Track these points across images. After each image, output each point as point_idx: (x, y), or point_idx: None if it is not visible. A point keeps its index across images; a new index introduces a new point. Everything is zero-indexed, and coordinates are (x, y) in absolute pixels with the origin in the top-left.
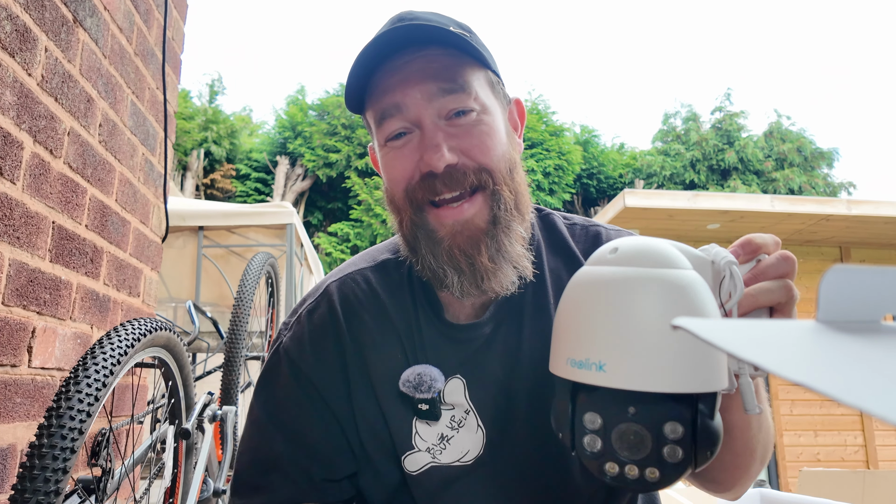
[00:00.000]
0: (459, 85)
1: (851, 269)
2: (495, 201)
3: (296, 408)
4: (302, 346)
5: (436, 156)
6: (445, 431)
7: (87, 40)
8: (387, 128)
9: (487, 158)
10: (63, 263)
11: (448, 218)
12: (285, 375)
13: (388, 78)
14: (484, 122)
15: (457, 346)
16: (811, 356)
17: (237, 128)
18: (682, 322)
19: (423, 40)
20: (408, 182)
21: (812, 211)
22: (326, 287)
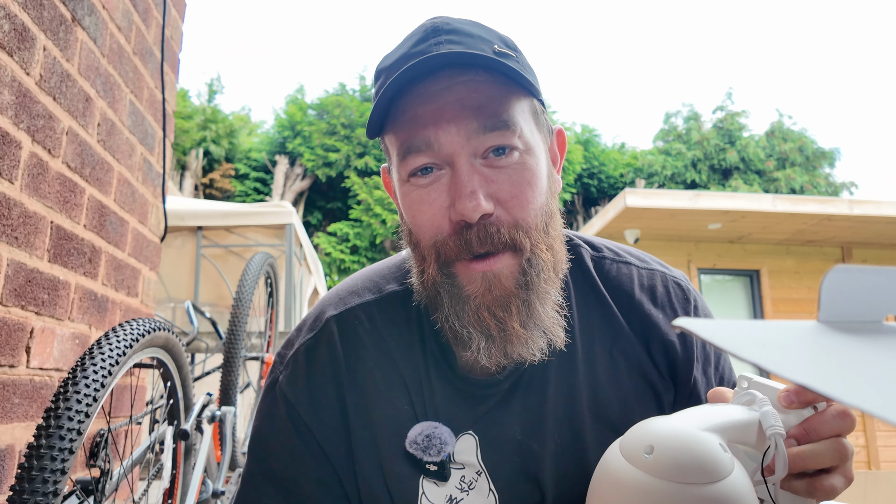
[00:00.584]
0: (504, 121)
1: (853, 270)
2: (531, 266)
3: (290, 455)
4: (299, 389)
5: (471, 204)
6: (454, 493)
7: (86, 39)
8: (412, 162)
9: (525, 213)
10: (61, 263)
11: (477, 271)
12: (282, 419)
13: (420, 106)
14: (527, 167)
15: (471, 400)
16: (812, 356)
17: (236, 127)
18: (682, 322)
19: (464, 59)
20: (437, 232)
21: (814, 211)
22: (326, 322)
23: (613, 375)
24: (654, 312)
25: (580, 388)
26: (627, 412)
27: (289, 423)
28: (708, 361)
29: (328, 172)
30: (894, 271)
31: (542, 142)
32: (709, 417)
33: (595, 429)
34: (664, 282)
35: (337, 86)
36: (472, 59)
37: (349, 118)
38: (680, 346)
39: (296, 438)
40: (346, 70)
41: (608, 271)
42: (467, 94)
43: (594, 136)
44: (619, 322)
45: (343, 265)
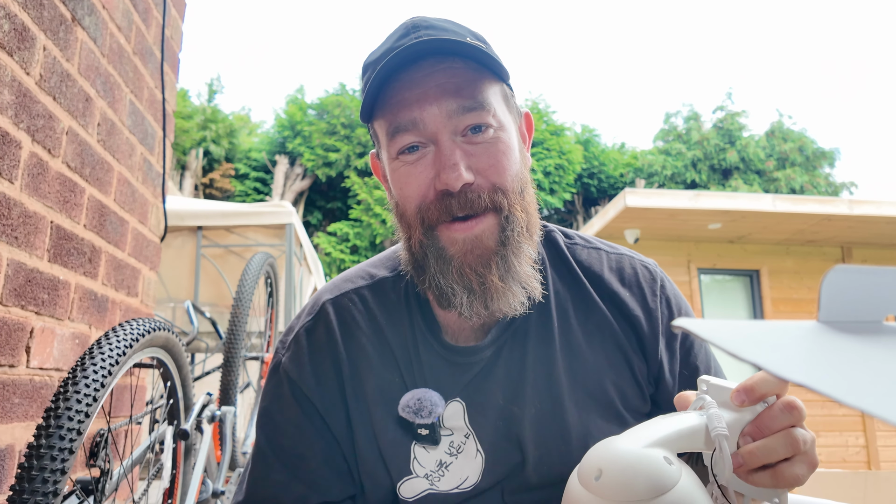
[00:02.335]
0: (479, 102)
1: (853, 270)
2: (508, 223)
3: (296, 431)
4: (302, 367)
5: (453, 175)
6: (444, 458)
7: (86, 39)
8: (399, 141)
9: (502, 179)
10: (61, 263)
11: (460, 233)
12: (287, 397)
13: (406, 91)
14: (501, 140)
15: (456, 369)
16: (812, 357)
17: (236, 127)
18: (682, 322)
19: (441, 52)
20: (422, 200)
21: (814, 211)
22: (322, 305)
23: (588, 345)
24: (621, 290)
25: (556, 358)
26: (602, 379)
27: (294, 402)
28: (674, 337)
29: (328, 172)
30: (894, 271)
31: (513, 122)
32: (657, 431)
33: (572, 394)
34: (632, 264)
35: (337, 86)
36: (450, 46)
37: (349, 118)
38: (646, 321)
39: (301, 415)
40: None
41: (580, 255)
42: (446, 80)
43: (594, 136)
44: (593, 298)
45: (343, 265)
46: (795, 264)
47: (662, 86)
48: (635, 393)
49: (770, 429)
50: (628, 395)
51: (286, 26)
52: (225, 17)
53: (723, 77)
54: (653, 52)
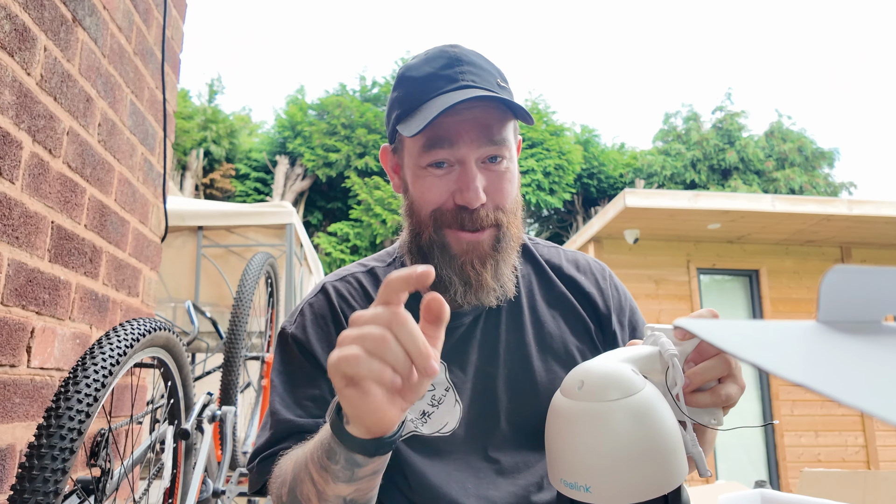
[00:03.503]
0: (502, 139)
1: (852, 270)
2: (504, 236)
3: (308, 380)
4: (306, 331)
5: (473, 196)
6: (427, 408)
7: (87, 39)
8: (433, 155)
9: (505, 202)
10: (62, 263)
11: (465, 238)
12: (297, 355)
13: (448, 117)
14: (510, 171)
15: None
16: (811, 357)
17: (236, 127)
18: (682, 322)
19: (489, 87)
20: (438, 206)
21: (813, 211)
22: (324, 285)
23: (552, 315)
24: (577, 275)
25: (526, 325)
26: (565, 342)
27: (303, 357)
28: (623, 313)
29: (328, 172)
30: (893, 271)
31: (515, 146)
32: (621, 354)
33: (540, 354)
34: (584, 258)
35: (337, 86)
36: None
37: (349, 118)
38: (599, 298)
39: (311, 367)
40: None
41: (542, 251)
42: (482, 116)
43: (594, 136)
44: (554, 280)
45: (343, 265)
46: (795, 264)
47: (662, 86)
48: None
49: (708, 353)
50: (588, 358)
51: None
52: (225, 17)
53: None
54: (652, 53)
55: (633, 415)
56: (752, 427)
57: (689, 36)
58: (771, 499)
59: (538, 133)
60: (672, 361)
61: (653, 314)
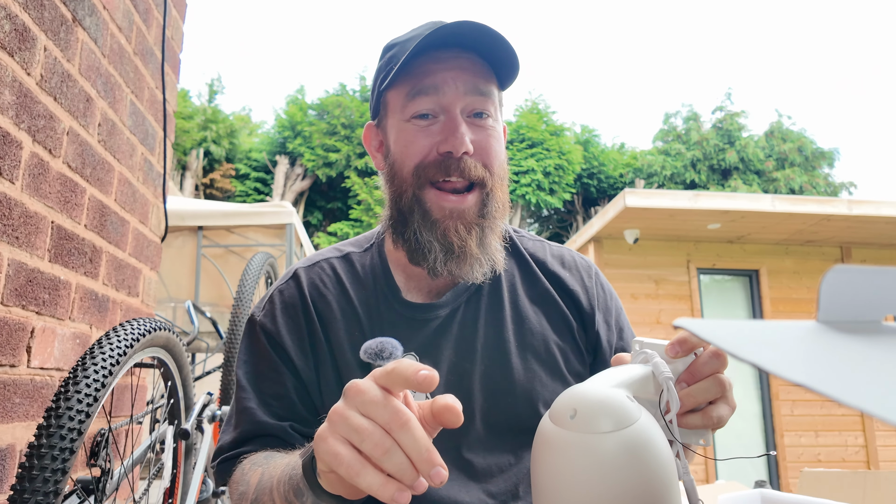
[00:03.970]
0: (489, 90)
1: (852, 270)
2: (489, 199)
3: (274, 374)
4: (275, 320)
5: (458, 142)
6: None
7: (87, 39)
8: (417, 104)
9: (492, 160)
10: (62, 263)
11: (448, 203)
12: (263, 346)
13: (432, 63)
14: (495, 130)
15: (413, 325)
16: (811, 356)
17: (236, 127)
18: (682, 322)
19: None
20: (422, 159)
21: (813, 211)
22: (295, 271)
23: (534, 312)
24: (562, 272)
25: (506, 320)
26: (546, 340)
27: (270, 349)
28: (609, 313)
29: (328, 172)
30: (893, 271)
31: (500, 115)
32: (615, 377)
33: (520, 353)
34: (570, 254)
35: (337, 86)
36: (485, 32)
37: (349, 118)
38: (584, 296)
39: (277, 360)
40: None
41: (526, 244)
42: (468, 65)
43: (594, 136)
44: (538, 275)
45: None
46: (795, 264)
47: (662, 86)
48: (577, 357)
49: (701, 374)
50: (570, 358)
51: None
52: (225, 17)
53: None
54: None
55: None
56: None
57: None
58: (771, 499)
59: (538, 133)
60: (667, 385)
61: (653, 314)
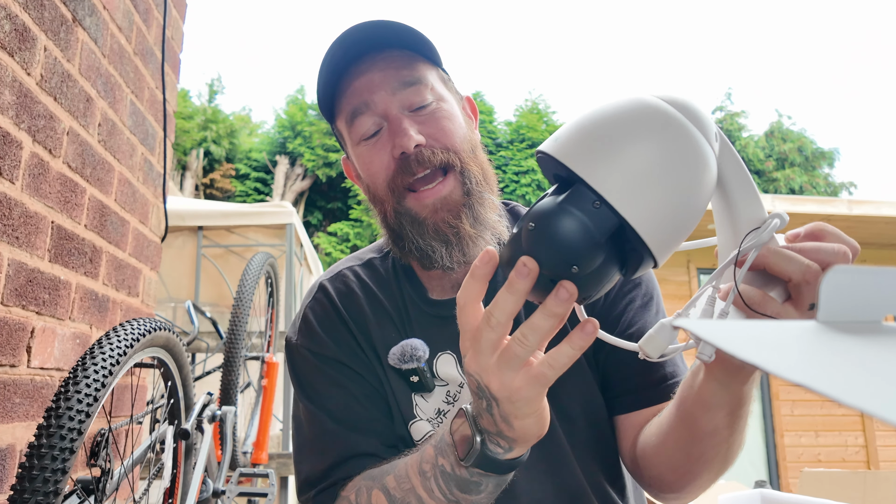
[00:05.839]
0: (417, 78)
1: (852, 270)
2: (466, 177)
3: (338, 390)
4: (315, 336)
5: (405, 138)
6: (442, 406)
7: (87, 39)
8: (359, 126)
9: (450, 140)
10: (62, 263)
11: (427, 198)
12: (315, 366)
13: (354, 81)
14: (443, 110)
15: (442, 322)
16: (812, 357)
17: (237, 127)
18: (681, 322)
19: (381, 44)
20: (387, 172)
21: (813, 211)
22: (321, 284)
23: None
24: None
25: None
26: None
27: (323, 366)
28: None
29: (328, 172)
30: (894, 271)
31: (455, 99)
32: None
33: None
34: None
35: None
36: (388, 37)
37: None
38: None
39: (335, 374)
40: None
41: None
42: (386, 65)
43: None
44: None
45: None
46: None
47: (662, 86)
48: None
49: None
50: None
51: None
52: (225, 17)
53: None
54: (652, 53)
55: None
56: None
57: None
58: (771, 499)
59: (538, 133)
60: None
61: None
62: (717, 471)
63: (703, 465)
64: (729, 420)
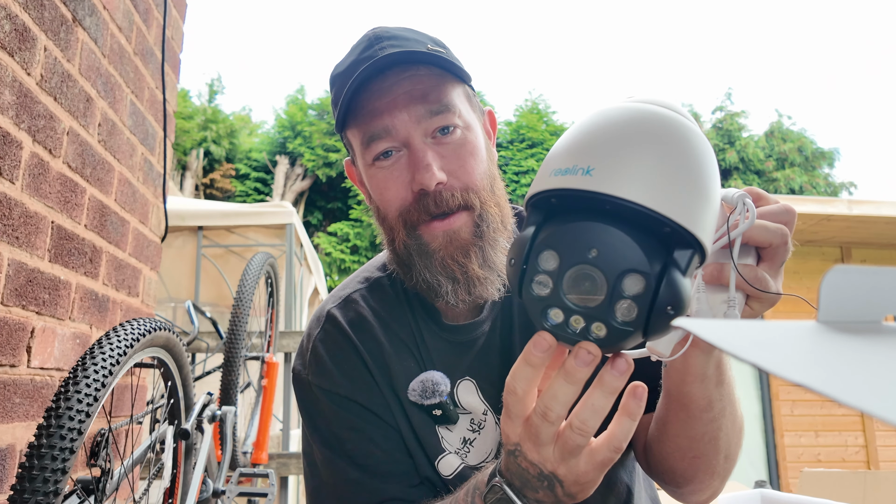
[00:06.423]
0: (445, 105)
1: (852, 270)
2: (482, 220)
3: (354, 434)
4: (329, 374)
5: (427, 175)
6: (467, 435)
7: (87, 39)
8: (374, 148)
9: (472, 179)
10: (62, 263)
11: (438, 230)
12: (330, 408)
13: (376, 101)
14: (468, 141)
15: (460, 349)
16: (812, 357)
17: (237, 127)
18: (681, 322)
19: (406, 62)
20: (402, 203)
21: (813, 211)
22: (329, 312)
23: None
24: None
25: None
26: None
27: (338, 408)
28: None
29: (328, 172)
30: (894, 271)
31: (478, 120)
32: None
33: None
34: None
35: None
36: (414, 56)
37: None
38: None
39: (350, 416)
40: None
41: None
42: (412, 86)
43: None
44: None
45: (343, 265)
46: (794, 264)
47: (662, 86)
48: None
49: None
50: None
51: (286, 26)
52: (225, 17)
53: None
54: (652, 53)
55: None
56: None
57: (689, 36)
58: (771, 499)
59: (538, 133)
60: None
61: None
62: (727, 452)
63: (709, 446)
64: (719, 392)
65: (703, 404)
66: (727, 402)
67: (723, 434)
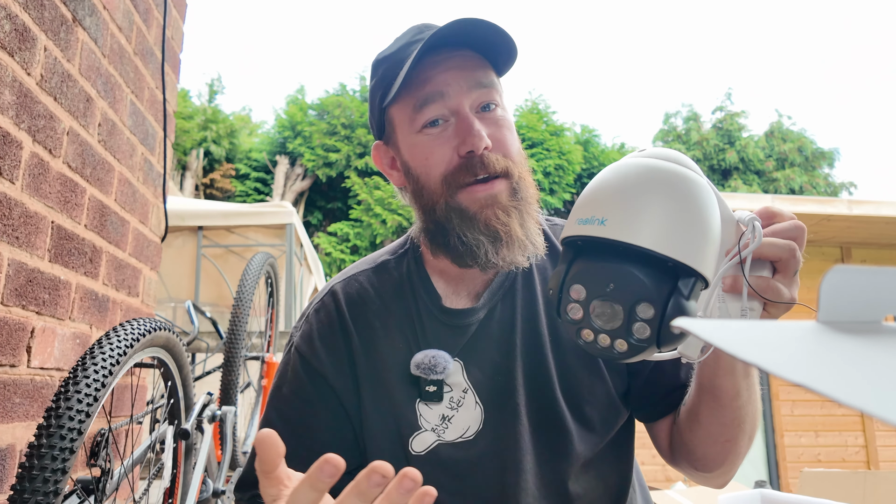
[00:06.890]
0: (493, 81)
1: (852, 270)
2: (518, 188)
3: (303, 405)
4: (312, 342)
5: (477, 138)
6: (446, 412)
7: (87, 39)
8: (426, 113)
9: (510, 150)
10: (62, 263)
11: (480, 192)
12: (296, 372)
13: (429, 70)
14: (506, 119)
15: (455, 331)
16: (812, 357)
17: (237, 127)
18: (681, 322)
19: (459, 42)
20: (447, 166)
21: (813, 211)
22: (331, 288)
23: None
24: None
25: (540, 317)
26: None
27: (304, 376)
28: None
29: (328, 172)
30: (894, 271)
31: (509, 111)
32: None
33: (553, 347)
34: None
35: (337, 86)
36: (479, 25)
37: (349, 118)
38: None
39: (310, 388)
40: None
41: (556, 231)
42: (465, 62)
43: (594, 136)
44: None
45: (343, 265)
46: None
47: (662, 86)
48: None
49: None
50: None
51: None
52: (225, 17)
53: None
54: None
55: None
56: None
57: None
58: (771, 499)
59: (538, 133)
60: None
61: None
62: (750, 434)
63: (738, 430)
64: (746, 382)
65: (732, 394)
66: (753, 389)
67: (748, 418)
